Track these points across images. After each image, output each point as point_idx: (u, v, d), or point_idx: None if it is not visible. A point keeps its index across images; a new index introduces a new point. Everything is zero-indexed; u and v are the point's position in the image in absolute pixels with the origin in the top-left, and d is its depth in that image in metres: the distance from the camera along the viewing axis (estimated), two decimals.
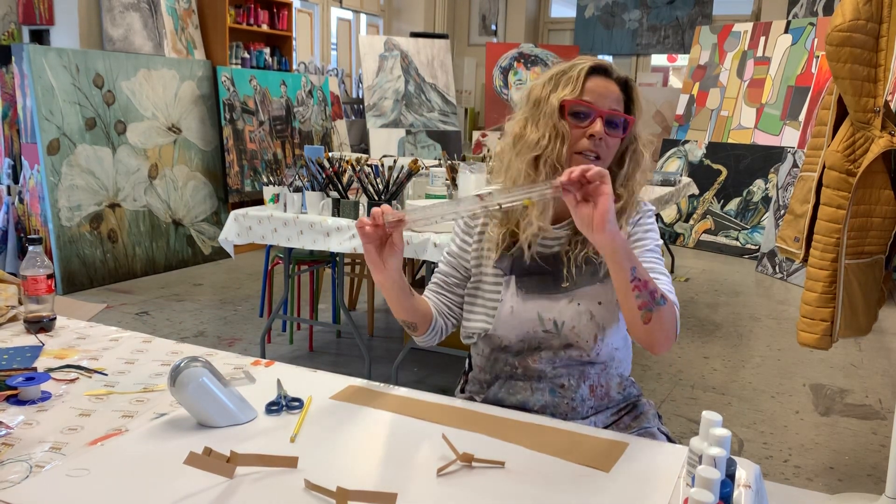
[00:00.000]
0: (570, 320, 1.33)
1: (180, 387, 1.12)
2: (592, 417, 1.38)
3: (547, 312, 1.34)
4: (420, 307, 1.38)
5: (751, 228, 6.02)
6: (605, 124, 1.28)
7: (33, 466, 1.01)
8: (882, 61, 1.87)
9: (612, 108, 1.29)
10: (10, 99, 4.47)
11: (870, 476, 2.47)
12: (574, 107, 1.28)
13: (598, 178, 1.10)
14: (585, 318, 1.33)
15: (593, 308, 1.33)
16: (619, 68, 1.35)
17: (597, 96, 1.29)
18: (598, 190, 1.10)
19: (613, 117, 1.29)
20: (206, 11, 5.66)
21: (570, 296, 1.34)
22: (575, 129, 1.29)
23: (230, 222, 2.99)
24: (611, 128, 1.29)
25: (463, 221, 1.47)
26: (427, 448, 1.10)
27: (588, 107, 1.28)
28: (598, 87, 1.30)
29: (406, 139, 6.85)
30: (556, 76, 1.32)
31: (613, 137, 1.30)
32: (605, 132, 1.28)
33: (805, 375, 3.41)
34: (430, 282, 1.48)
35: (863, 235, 1.99)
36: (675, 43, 7.94)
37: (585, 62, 1.31)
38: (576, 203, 1.12)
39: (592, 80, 1.30)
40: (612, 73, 1.32)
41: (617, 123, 1.30)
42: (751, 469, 1.05)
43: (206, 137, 5.46)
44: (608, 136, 1.29)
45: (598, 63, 1.31)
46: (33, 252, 1.51)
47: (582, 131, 1.29)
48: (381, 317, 4.08)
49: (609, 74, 1.32)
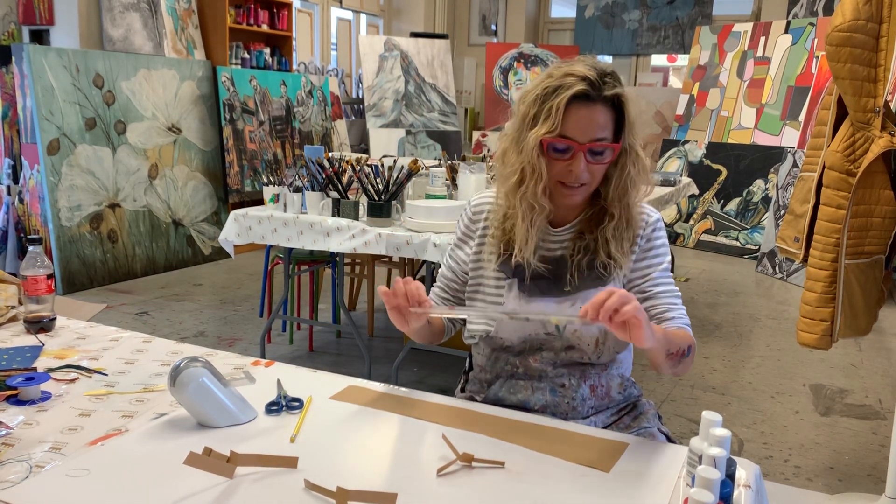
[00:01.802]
0: (572, 324, 1.33)
1: (180, 387, 1.12)
2: (592, 417, 1.38)
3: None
4: (436, 328, 1.42)
5: (751, 228, 6.02)
6: (589, 154, 1.25)
7: (33, 466, 1.01)
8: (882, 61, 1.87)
9: (596, 139, 1.25)
10: (10, 99, 4.47)
11: (870, 476, 2.47)
12: (554, 144, 1.26)
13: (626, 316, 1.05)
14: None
15: None
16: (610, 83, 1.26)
17: (579, 129, 1.24)
18: (630, 322, 1.06)
19: (596, 149, 1.25)
20: (206, 11, 5.66)
21: (572, 299, 1.33)
22: (557, 162, 1.27)
23: (230, 222, 2.99)
24: (595, 156, 1.26)
25: (463, 224, 1.47)
26: (427, 448, 1.10)
27: (567, 143, 1.25)
28: (580, 118, 1.24)
29: (406, 139, 6.85)
30: (542, 96, 1.26)
31: (600, 164, 1.27)
32: (588, 161, 1.26)
33: (805, 375, 3.41)
34: (435, 284, 1.50)
35: (863, 235, 1.99)
36: (675, 43, 7.94)
37: (572, 85, 1.23)
38: (609, 324, 1.07)
39: (574, 111, 1.24)
40: (598, 94, 1.24)
41: (601, 152, 1.26)
42: (751, 469, 1.05)
43: (206, 137, 5.46)
44: (592, 164, 1.26)
45: (580, 90, 1.23)
46: (33, 252, 1.51)
47: (565, 163, 1.26)
48: (381, 317, 4.08)
49: (594, 98, 1.24)
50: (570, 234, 1.36)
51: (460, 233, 1.47)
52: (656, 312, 1.36)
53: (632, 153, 1.29)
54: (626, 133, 1.27)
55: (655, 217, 1.38)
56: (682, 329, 1.32)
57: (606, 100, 1.25)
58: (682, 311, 1.36)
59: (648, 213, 1.38)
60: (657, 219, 1.38)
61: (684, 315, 1.36)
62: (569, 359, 1.36)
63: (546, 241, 1.37)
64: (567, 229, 1.36)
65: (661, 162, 6.71)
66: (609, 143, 1.26)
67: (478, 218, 1.45)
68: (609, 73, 1.27)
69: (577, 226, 1.36)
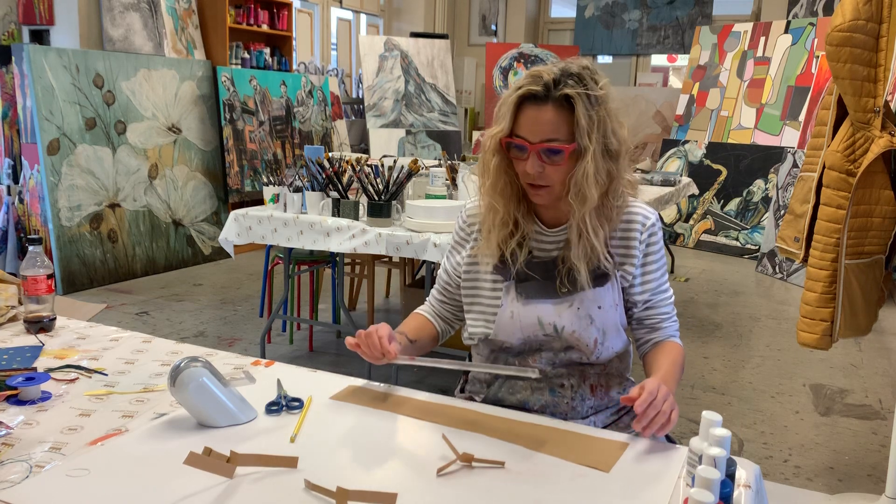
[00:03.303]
0: (571, 325, 1.33)
1: (180, 387, 1.12)
2: (592, 417, 1.38)
3: (547, 317, 1.33)
4: (426, 342, 1.45)
5: (751, 228, 6.02)
6: (544, 154, 1.25)
7: (33, 466, 1.01)
8: (882, 61, 1.87)
9: (545, 140, 1.24)
10: (10, 99, 4.47)
11: (870, 476, 2.47)
12: (511, 143, 1.28)
13: (657, 426, 1.12)
14: (585, 322, 1.33)
15: (593, 312, 1.33)
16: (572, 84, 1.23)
17: (528, 129, 1.25)
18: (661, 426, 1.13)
19: (546, 149, 1.24)
20: (206, 11, 5.66)
21: (570, 300, 1.33)
22: (518, 162, 1.29)
23: (230, 222, 2.99)
24: (550, 156, 1.25)
25: (458, 227, 1.48)
26: (427, 448, 1.10)
27: (521, 143, 1.26)
28: (529, 118, 1.25)
29: (406, 139, 6.85)
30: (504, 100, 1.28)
31: (555, 165, 1.25)
32: (543, 162, 1.25)
33: (805, 375, 3.41)
34: (434, 288, 1.52)
35: (863, 235, 1.99)
36: (675, 43, 7.94)
37: (523, 85, 1.25)
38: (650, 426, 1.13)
39: (525, 111, 1.25)
40: (548, 94, 1.23)
41: (556, 152, 1.24)
42: (751, 469, 1.05)
43: (206, 137, 5.46)
44: (548, 164, 1.25)
45: (527, 90, 1.24)
46: (33, 252, 1.51)
47: (523, 164, 1.27)
48: (381, 317, 4.08)
49: (542, 98, 1.23)
50: (564, 234, 1.35)
51: (457, 237, 1.48)
52: (650, 323, 1.40)
53: (587, 155, 1.23)
54: (577, 134, 1.23)
55: (652, 220, 1.36)
56: (671, 343, 1.39)
57: (558, 100, 1.23)
58: (674, 317, 1.42)
59: (645, 214, 1.36)
60: (654, 222, 1.37)
61: (675, 321, 1.43)
62: (568, 359, 1.36)
63: (540, 241, 1.37)
64: (562, 230, 1.36)
65: (661, 162, 6.72)
66: (561, 145, 1.24)
67: (472, 221, 1.45)
68: (574, 75, 1.24)
69: (570, 226, 1.35)
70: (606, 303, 1.33)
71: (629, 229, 1.35)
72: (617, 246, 1.36)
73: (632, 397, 1.14)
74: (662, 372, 1.29)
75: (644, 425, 1.11)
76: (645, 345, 1.42)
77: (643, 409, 1.11)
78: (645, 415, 1.11)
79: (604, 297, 1.33)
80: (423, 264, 4.01)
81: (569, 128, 1.24)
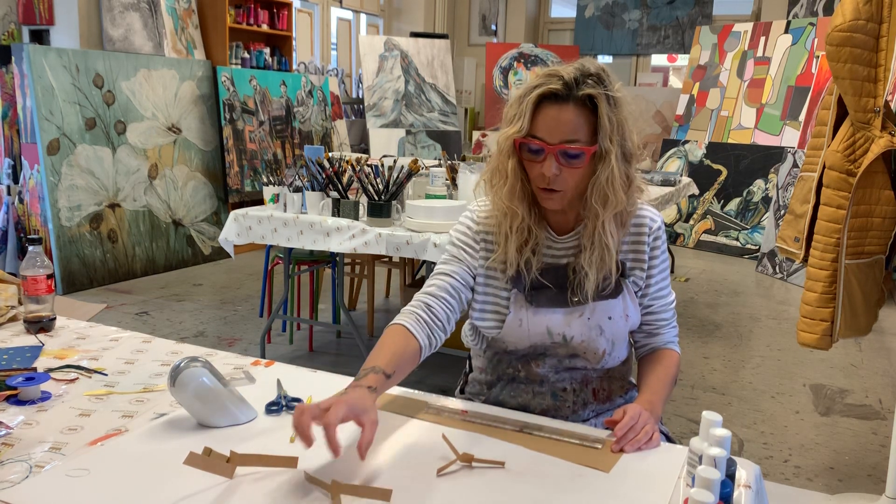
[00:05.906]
0: (580, 335, 1.30)
1: (180, 387, 1.12)
2: (593, 420, 1.37)
3: (557, 327, 1.30)
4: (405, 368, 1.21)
5: (751, 228, 6.02)
6: (561, 156, 1.19)
7: (33, 466, 1.01)
8: (882, 61, 1.87)
9: (565, 141, 1.18)
10: (10, 99, 4.47)
11: (870, 476, 2.47)
12: (524, 145, 1.22)
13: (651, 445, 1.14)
14: (595, 332, 1.30)
15: (603, 323, 1.30)
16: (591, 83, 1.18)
17: (547, 129, 1.19)
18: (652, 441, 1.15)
19: (569, 151, 1.19)
20: (206, 11, 5.66)
21: (580, 310, 1.30)
22: (533, 165, 1.23)
23: (230, 222, 2.99)
24: (568, 159, 1.20)
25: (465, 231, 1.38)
26: (427, 448, 1.10)
27: (538, 144, 1.20)
28: (548, 118, 1.19)
29: (406, 139, 6.84)
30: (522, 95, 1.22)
31: (573, 168, 1.20)
32: (561, 165, 1.19)
33: (805, 375, 3.41)
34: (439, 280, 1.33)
35: (863, 235, 1.99)
36: (675, 43, 7.94)
37: (543, 83, 1.19)
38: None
39: (544, 111, 1.20)
40: (569, 93, 1.18)
41: (575, 155, 1.19)
42: (751, 469, 1.05)
43: (206, 137, 5.46)
44: (566, 167, 1.20)
45: (548, 89, 1.18)
46: (33, 252, 1.51)
47: (538, 166, 1.21)
48: (381, 317, 4.08)
49: (564, 97, 1.18)
50: (574, 241, 1.31)
51: (464, 238, 1.37)
52: (649, 329, 1.39)
53: (610, 157, 1.19)
54: (600, 136, 1.19)
55: (658, 223, 1.34)
56: (667, 352, 1.37)
57: (579, 100, 1.18)
58: (673, 322, 1.41)
59: (652, 217, 1.34)
60: (659, 225, 1.34)
61: (675, 327, 1.41)
62: (572, 365, 1.35)
63: (551, 248, 1.33)
64: (572, 236, 1.32)
65: (661, 162, 6.72)
66: (582, 147, 1.19)
67: (486, 229, 1.35)
68: (593, 75, 1.20)
69: (580, 233, 1.31)
70: (616, 313, 1.31)
71: (638, 233, 1.33)
72: (627, 251, 1.33)
73: (614, 420, 1.15)
74: (650, 392, 1.28)
75: (620, 447, 1.12)
76: (642, 349, 1.41)
77: (622, 433, 1.12)
78: (625, 437, 1.12)
79: (614, 308, 1.31)
80: (422, 264, 4.01)
81: (589, 129, 1.19)
